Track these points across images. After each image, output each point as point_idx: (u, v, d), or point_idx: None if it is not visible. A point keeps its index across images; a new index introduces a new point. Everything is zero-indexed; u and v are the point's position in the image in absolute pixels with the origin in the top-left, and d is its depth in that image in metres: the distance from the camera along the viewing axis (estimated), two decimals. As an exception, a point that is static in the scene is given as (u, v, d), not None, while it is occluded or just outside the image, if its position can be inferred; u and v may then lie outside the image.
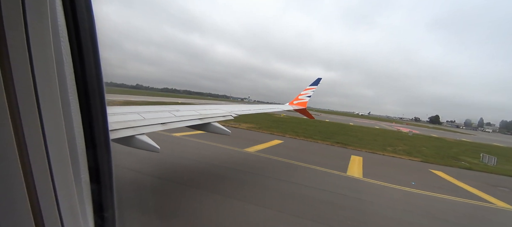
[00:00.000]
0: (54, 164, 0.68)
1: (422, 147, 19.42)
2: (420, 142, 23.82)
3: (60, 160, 0.71)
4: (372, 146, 16.94)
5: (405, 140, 23.76)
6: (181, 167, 7.74)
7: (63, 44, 0.72)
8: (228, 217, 4.85)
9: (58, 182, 0.70)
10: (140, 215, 4.40)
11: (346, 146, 15.69)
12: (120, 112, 3.93)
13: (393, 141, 21.71)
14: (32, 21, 0.60)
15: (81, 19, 0.77)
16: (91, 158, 0.83)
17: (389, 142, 20.51)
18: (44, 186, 0.66)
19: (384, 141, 21.34)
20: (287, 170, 8.70)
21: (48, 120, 0.66)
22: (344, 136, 21.22)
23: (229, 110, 6.45)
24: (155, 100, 38.47)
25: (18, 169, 0.59)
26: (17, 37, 0.58)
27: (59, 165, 0.70)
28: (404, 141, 23.14)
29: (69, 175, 0.75)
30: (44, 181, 0.66)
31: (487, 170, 12.77)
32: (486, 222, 6.38)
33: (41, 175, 0.65)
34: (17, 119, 0.59)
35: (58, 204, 0.70)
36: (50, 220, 0.67)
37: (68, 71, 0.75)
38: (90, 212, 0.85)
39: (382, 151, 15.22)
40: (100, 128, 0.85)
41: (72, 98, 0.75)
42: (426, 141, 25.23)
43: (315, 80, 12.07)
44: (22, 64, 0.59)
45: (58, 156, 0.70)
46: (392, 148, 16.88)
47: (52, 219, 0.68)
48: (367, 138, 21.66)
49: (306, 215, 5.21)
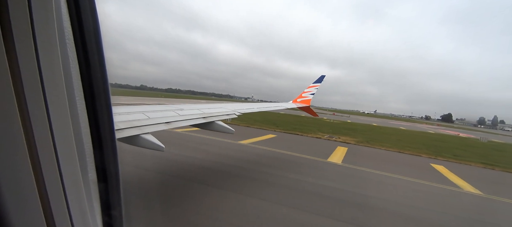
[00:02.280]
0: (63, 163, 0.70)
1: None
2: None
3: (68, 159, 0.72)
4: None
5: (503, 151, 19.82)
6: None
7: (68, 46, 0.74)
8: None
9: (66, 181, 0.71)
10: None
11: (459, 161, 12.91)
12: (125, 112, 3.98)
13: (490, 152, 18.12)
14: (39, 24, 0.62)
15: (86, 21, 0.79)
16: (98, 157, 0.85)
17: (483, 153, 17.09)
18: (53, 185, 0.68)
19: (485, 151, 18.20)
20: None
21: (56, 120, 0.68)
22: (438, 150, 16.54)
23: (233, 108, 6.47)
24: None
25: (28, 169, 0.60)
26: (25, 40, 0.59)
27: (68, 164, 0.72)
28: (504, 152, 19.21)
29: (77, 174, 0.77)
30: (54, 180, 0.68)
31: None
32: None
33: (50, 174, 0.67)
34: (27, 120, 0.60)
35: (67, 202, 0.72)
36: (60, 218, 0.69)
37: (74, 72, 0.76)
38: (98, 210, 0.87)
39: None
40: (106, 127, 0.87)
41: (78, 99, 0.77)
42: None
43: (318, 78, 12.00)
44: (30, 67, 0.61)
45: (66, 156, 0.72)
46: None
47: (62, 217, 0.70)
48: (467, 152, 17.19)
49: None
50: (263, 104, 9.50)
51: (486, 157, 15.18)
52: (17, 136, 0.58)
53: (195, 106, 5.65)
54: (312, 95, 11.51)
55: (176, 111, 4.72)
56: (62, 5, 0.71)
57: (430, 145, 19.34)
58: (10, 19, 0.56)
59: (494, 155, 17.17)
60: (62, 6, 0.71)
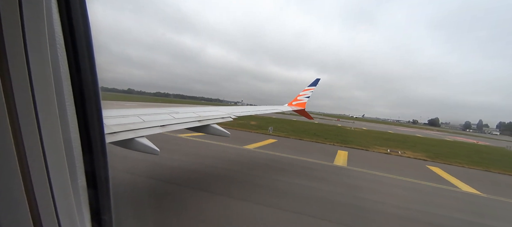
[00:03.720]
0: (51, 167, 0.69)
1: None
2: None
3: (57, 164, 0.71)
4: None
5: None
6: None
7: (59, 50, 0.73)
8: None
9: (55, 186, 0.70)
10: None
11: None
12: (120, 115, 3.94)
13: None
14: (29, 27, 0.61)
15: (76, 24, 0.78)
16: (87, 162, 0.84)
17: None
18: (42, 190, 0.67)
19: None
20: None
21: (46, 125, 0.67)
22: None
23: (229, 112, 6.46)
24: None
25: (17, 174, 0.59)
26: (15, 43, 0.59)
27: (56, 169, 0.71)
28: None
29: (66, 179, 0.75)
30: (42, 184, 0.67)
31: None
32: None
33: (39, 179, 0.66)
34: (16, 122, 0.60)
35: (56, 208, 0.71)
36: (48, 223, 0.68)
37: (64, 76, 0.76)
38: (88, 216, 0.85)
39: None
40: (96, 132, 0.86)
41: (68, 103, 0.76)
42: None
43: (313, 81, 12.09)
44: (20, 69, 0.60)
45: (55, 160, 0.71)
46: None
47: (50, 222, 0.69)
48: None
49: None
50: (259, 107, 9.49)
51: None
52: (6, 139, 0.57)
53: (190, 110, 5.62)
54: (307, 99, 11.57)
55: (171, 115, 4.69)
56: (53, 10, 0.71)
57: (485, 158, 18.05)
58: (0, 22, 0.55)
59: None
60: (53, 10, 0.71)
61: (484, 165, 14.30)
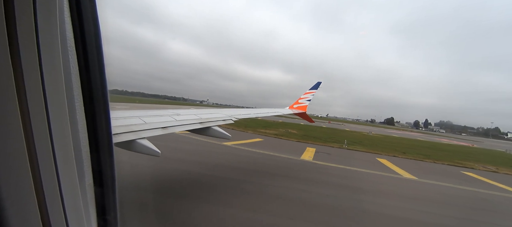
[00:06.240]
0: (60, 166, 0.71)
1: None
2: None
3: (66, 162, 0.73)
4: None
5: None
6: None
7: (70, 51, 0.76)
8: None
9: (63, 184, 0.72)
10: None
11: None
12: (122, 116, 3.96)
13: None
14: (43, 27, 0.64)
15: (87, 27, 0.81)
16: (95, 161, 0.86)
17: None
18: (51, 187, 0.68)
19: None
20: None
21: (56, 124, 0.69)
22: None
23: (229, 114, 6.49)
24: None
25: (27, 170, 0.61)
26: (29, 44, 0.61)
27: (65, 168, 0.73)
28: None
29: (74, 177, 0.77)
30: (51, 182, 0.69)
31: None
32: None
33: (48, 177, 0.67)
34: (28, 122, 0.62)
35: (64, 206, 0.72)
36: (56, 220, 0.70)
37: (75, 77, 0.78)
38: (94, 214, 0.87)
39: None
40: (104, 132, 0.88)
41: (78, 104, 0.78)
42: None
43: (314, 84, 12.12)
44: (32, 72, 0.62)
45: (64, 159, 0.73)
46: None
47: (58, 219, 0.70)
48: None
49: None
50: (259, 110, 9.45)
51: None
52: (17, 136, 0.59)
53: (192, 112, 5.65)
54: (309, 102, 11.58)
55: (172, 117, 4.72)
56: (65, 11, 0.73)
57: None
58: (16, 22, 0.58)
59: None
60: (65, 11, 0.73)
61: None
